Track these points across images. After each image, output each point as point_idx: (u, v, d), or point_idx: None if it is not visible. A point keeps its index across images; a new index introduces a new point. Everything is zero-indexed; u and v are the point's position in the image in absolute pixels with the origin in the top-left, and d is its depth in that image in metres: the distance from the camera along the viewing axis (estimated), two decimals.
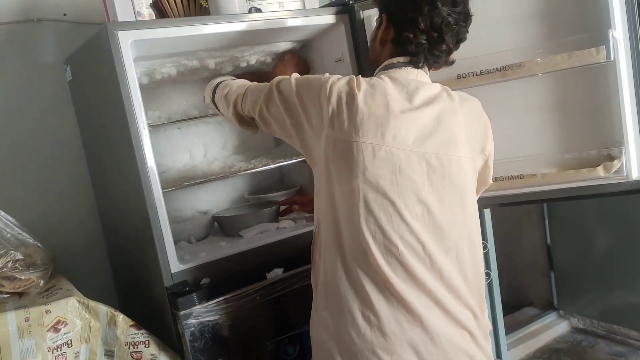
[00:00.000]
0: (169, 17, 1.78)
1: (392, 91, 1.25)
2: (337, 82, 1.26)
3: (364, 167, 1.20)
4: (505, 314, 2.66)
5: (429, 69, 1.38)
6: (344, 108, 1.22)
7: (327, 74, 1.31)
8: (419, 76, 1.33)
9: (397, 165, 1.21)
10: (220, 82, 1.60)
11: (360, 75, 1.29)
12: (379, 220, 1.20)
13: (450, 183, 1.26)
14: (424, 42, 1.30)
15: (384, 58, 1.37)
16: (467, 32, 1.35)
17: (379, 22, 1.39)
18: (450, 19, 1.28)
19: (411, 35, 1.29)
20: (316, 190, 1.35)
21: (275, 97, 1.34)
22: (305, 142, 1.31)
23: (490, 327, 1.36)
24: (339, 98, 1.23)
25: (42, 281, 1.67)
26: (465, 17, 1.33)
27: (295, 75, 1.36)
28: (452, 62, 1.40)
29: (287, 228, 1.93)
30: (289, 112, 1.32)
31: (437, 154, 1.24)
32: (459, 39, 1.35)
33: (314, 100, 1.27)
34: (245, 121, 1.51)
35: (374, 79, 1.29)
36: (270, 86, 1.37)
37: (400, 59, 1.33)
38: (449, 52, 1.35)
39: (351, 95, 1.23)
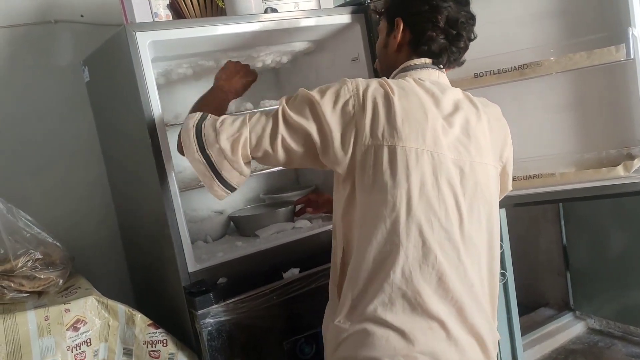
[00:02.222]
0: (185, 18, 1.79)
1: (421, 93, 1.23)
2: (369, 87, 1.21)
3: (408, 172, 1.16)
4: (520, 314, 2.64)
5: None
6: (380, 112, 1.18)
7: (347, 80, 1.24)
8: (440, 78, 1.32)
9: (437, 170, 1.18)
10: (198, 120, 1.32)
11: (386, 78, 1.26)
12: (421, 227, 1.16)
13: (480, 192, 1.24)
14: (443, 40, 1.30)
15: (401, 62, 1.35)
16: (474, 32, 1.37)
17: (389, 28, 1.37)
18: (462, 18, 1.31)
19: (434, 34, 1.29)
20: (343, 206, 1.25)
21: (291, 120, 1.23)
22: (334, 157, 1.21)
23: (499, 336, 1.33)
24: (375, 103, 1.19)
25: (61, 280, 1.68)
26: (472, 17, 1.35)
27: (302, 91, 1.26)
28: (463, 62, 1.40)
29: (303, 228, 1.92)
30: (305, 134, 1.22)
31: (470, 162, 1.23)
32: (469, 37, 1.35)
33: (337, 111, 1.20)
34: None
35: (400, 81, 1.25)
36: (282, 111, 1.24)
37: (421, 61, 1.32)
38: (465, 49, 1.36)
39: (387, 98, 1.19)
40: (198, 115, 1.33)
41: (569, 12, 1.57)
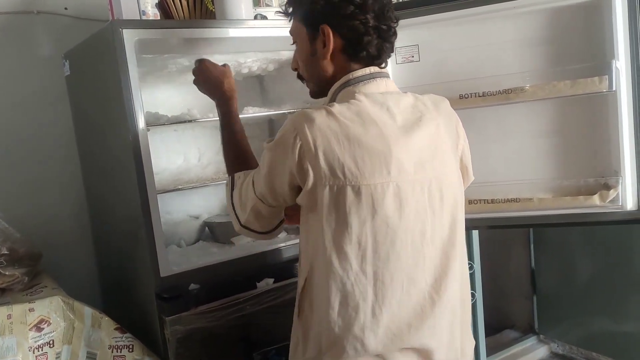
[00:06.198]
0: (173, 18, 1.77)
1: (377, 114, 1.13)
2: (319, 126, 1.08)
3: (373, 210, 1.09)
4: (486, 335, 2.66)
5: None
6: (337, 151, 1.08)
7: (295, 122, 1.11)
8: (388, 86, 1.22)
9: (404, 200, 1.12)
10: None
11: (334, 104, 1.13)
12: (388, 262, 1.12)
13: (447, 203, 1.20)
14: (377, 39, 1.18)
15: (338, 71, 1.21)
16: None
17: (311, 34, 1.21)
18: (386, 6, 1.18)
19: (370, 38, 1.17)
20: (309, 238, 1.20)
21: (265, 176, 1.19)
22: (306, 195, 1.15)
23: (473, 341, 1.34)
24: (327, 143, 1.08)
25: (26, 278, 1.63)
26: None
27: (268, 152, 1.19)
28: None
29: (279, 238, 1.90)
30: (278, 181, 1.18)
31: (435, 177, 1.17)
32: (396, 24, 1.23)
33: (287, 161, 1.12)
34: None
35: (353, 106, 1.13)
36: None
37: (366, 71, 1.20)
38: (395, 37, 1.24)
39: (345, 135, 1.08)
40: (229, 185, 1.35)
41: (556, 41, 1.60)
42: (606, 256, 2.88)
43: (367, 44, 1.18)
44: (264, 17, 1.89)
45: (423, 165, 1.15)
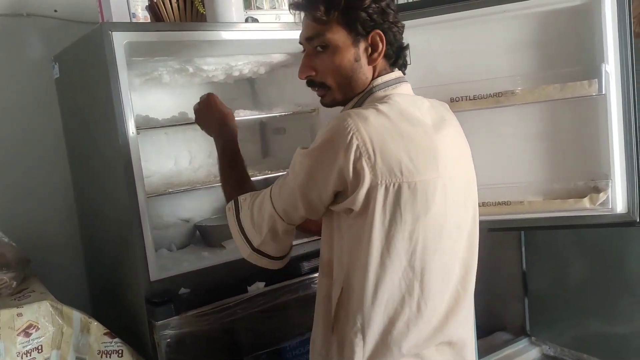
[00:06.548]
0: (164, 21, 1.76)
1: (414, 113, 1.15)
2: (373, 123, 1.07)
3: (427, 206, 1.10)
4: (478, 337, 2.66)
5: None
6: (392, 148, 1.07)
7: (347, 120, 1.08)
8: (408, 90, 1.24)
9: (448, 195, 1.14)
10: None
11: (376, 104, 1.12)
12: (434, 258, 1.14)
13: (472, 197, 1.25)
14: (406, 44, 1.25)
15: (375, 78, 1.20)
16: None
17: (355, 38, 1.17)
18: None
19: (404, 43, 1.24)
20: (345, 244, 1.16)
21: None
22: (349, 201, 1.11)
23: None
24: (382, 140, 1.07)
25: (14, 282, 1.62)
26: None
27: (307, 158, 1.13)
28: None
29: None
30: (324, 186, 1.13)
31: (465, 173, 1.22)
32: None
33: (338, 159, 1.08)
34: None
35: (393, 104, 1.13)
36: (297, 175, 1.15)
37: (392, 75, 1.21)
38: None
39: (398, 133, 1.09)
40: (233, 209, 1.30)
41: (546, 44, 1.61)
42: (597, 258, 2.89)
43: (404, 49, 1.23)
44: (255, 20, 1.89)
45: (457, 161, 1.19)
